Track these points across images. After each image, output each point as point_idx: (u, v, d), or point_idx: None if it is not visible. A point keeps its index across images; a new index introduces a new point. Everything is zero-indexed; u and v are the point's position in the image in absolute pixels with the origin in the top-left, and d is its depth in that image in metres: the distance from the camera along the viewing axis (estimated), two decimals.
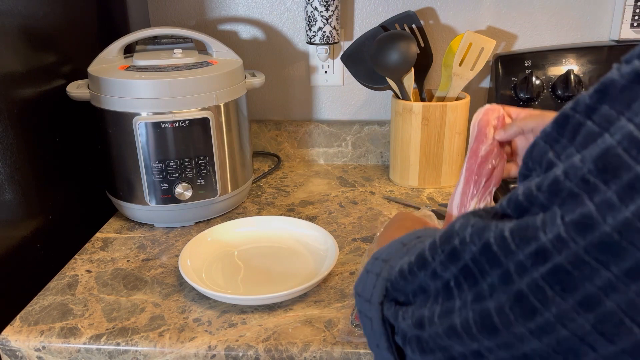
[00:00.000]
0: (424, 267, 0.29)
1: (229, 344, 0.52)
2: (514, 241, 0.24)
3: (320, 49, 0.94)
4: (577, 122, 0.24)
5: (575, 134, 0.24)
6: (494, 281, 0.25)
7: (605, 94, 0.23)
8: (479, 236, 0.26)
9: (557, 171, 0.24)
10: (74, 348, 0.53)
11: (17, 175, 0.62)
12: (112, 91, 0.69)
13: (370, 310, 0.35)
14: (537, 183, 0.25)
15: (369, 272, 0.37)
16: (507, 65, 0.90)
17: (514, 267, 0.24)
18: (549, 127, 0.26)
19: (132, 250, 0.70)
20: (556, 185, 0.23)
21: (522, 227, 0.24)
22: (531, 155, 0.27)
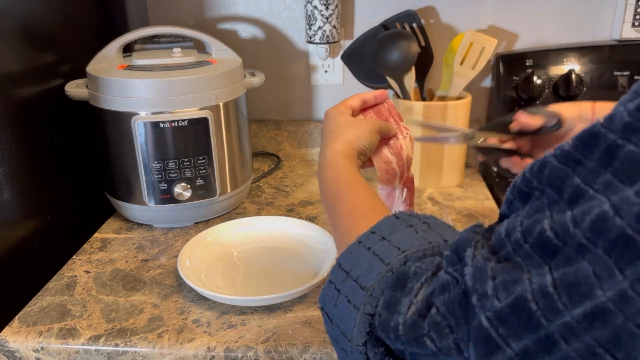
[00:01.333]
0: (441, 335, 0.24)
1: (228, 345, 0.52)
2: (561, 298, 0.20)
3: (321, 48, 0.93)
4: (613, 143, 0.21)
5: (610, 159, 0.21)
6: (529, 345, 0.21)
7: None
8: (507, 290, 0.21)
9: (604, 205, 0.20)
10: (72, 349, 0.53)
11: (15, 175, 0.62)
12: (110, 90, 0.69)
13: (351, 349, 0.30)
14: (573, 217, 0.21)
15: (341, 293, 0.31)
16: (508, 64, 0.90)
17: (560, 330, 0.20)
18: (569, 146, 0.23)
19: (130, 250, 0.70)
20: (602, 223, 0.20)
21: (570, 281, 0.20)
22: (538, 174, 0.24)
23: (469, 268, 0.24)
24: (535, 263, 0.22)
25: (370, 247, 0.32)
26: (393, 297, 0.28)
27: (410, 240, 0.32)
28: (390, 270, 0.30)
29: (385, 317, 0.28)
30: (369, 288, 0.30)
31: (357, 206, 0.41)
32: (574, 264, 0.20)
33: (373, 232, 0.33)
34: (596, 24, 0.93)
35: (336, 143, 0.49)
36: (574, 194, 0.22)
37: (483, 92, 0.98)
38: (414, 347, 0.26)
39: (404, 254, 0.30)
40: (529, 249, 0.22)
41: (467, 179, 0.92)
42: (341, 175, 0.45)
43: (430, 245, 0.31)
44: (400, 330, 0.26)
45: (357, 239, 0.33)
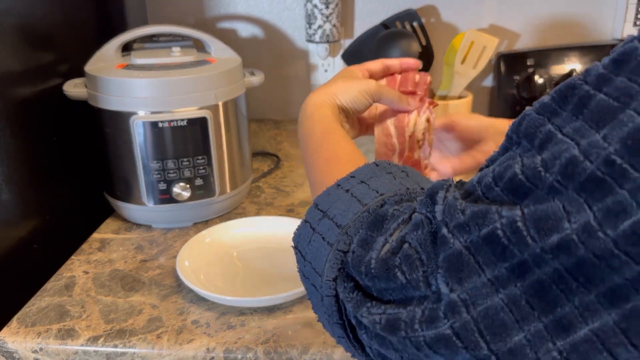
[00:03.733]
0: (411, 268, 0.25)
1: (227, 346, 0.51)
2: (530, 233, 0.21)
3: (321, 47, 0.93)
4: (586, 93, 0.22)
5: (582, 107, 0.22)
6: (503, 273, 0.22)
7: (624, 63, 0.21)
8: (478, 224, 0.23)
9: (573, 150, 0.21)
10: (71, 350, 0.52)
11: (14, 175, 0.62)
12: (109, 90, 0.69)
13: (320, 284, 0.30)
14: (543, 161, 0.22)
15: (315, 230, 0.32)
16: (509, 64, 0.89)
17: (532, 259, 0.21)
18: (547, 98, 0.24)
19: (129, 251, 0.70)
20: (573, 167, 0.20)
21: (539, 216, 0.21)
22: (517, 127, 0.24)
23: (439, 206, 0.25)
24: (504, 202, 0.23)
25: (348, 189, 0.32)
26: (369, 236, 0.28)
27: (388, 185, 0.32)
28: (367, 211, 0.30)
29: (359, 254, 0.28)
30: (345, 227, 0.30)
31: (333, 155, 0.40)
32: (544, 203, 0.21)
33: (352, 177, 0.33)
34: (597, 23, 0.92)
35: (319, 92, 0.47)
36: (544, 139, 0.22)
37: (484, 91, 0.98)
38: (383, 282, 0.26)
39: (382, 197, 0.31)
40: (499, 191, 0.23)
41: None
42: (317, 124, 0.44)
43: (407, 191, 0.32)
44: (372, 264, 0.27)
45: (336, 182, 0.33)
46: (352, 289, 0.28)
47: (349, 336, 0.30)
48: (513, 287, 0.22)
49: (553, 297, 0.21)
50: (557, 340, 0.21)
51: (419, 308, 0.24)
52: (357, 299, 0.28)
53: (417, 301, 0.25)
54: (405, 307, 0.25)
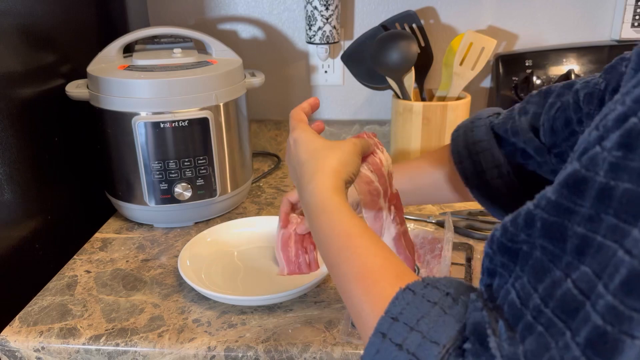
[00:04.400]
0: None
1: (228, 344, 0.52)
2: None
3: (320, 48, 0.94)
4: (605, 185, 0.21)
5: (607, 200, 0.21)
6: None
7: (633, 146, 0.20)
8: None
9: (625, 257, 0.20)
10: (73, 349, 0.53)
11: (16, 175, 0.62)
12: (111, 91, 0.69)
13: None
14: (595, 273, 0.21)
15: None
16: (507, 64, 0.90)
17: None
18: (553, 195, 0.23)
19: (131, 250, 0.70)
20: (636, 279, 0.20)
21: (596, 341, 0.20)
22: (527, 227, 0.23)
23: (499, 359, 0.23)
24: (558, 331, 0.21)
25: (400, 344, 0.27)
26: None
27: (443, 326, 0.27)
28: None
29: None
30: None
31: (365, 267, 0.34)
32: (588, 322, 0.20)
33: (394, 319, 0.28)
34: (596, 24, 0.93)
35: (321, 175, 0.40)
36: (581, 245, 0.21)
37: (482, 92, 0.98)
38: None
39: (445, 349, 0.26)
40: (550, 313, 0.22)
41: None
42: (337, 224, 0.37)
43: (463, 330, 0.28)
44: None
45: (378, 329, 0.29)
46: None
47: None
48: None
49: None
50: None
51: None
52: None
53: None
54: None
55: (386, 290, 0.30)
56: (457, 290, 0.30)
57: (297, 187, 0.45)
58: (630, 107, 0.21)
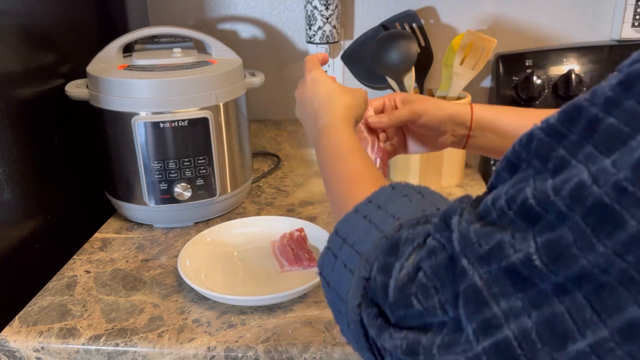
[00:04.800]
0: (427, 296, 0.26)
1: (228, 344, 0.52)
2: (547, 267, 0.21)
3: (321, 48, 0.94)
4: (594, 116, 0.22)
5: (592, 131, 0.22)
6: (517, 305, 0.22)
7: (632, 87, 0.21)
8: (496, 257, 0.23)
9: (582, 175, 0.21)
10: (72, 349, 0.53)
11: (15, 175, 0.62)
12: (111, 91, 0.69)
13: (345, 310, 0.31)
14: (553, 185, 0.22)
15: (338, 259, 0.33)
16: (508, 64, 0.90)
17: (552, 289, 0.21)
18: (553, 118, 0.24)
19: (131, 250, 0.70)
20: (580, 191, 0.20)
21: (554, 251, 0.21)
22: (526, 146, 0.24)
23: (456, 234, 0.25)
24: (518, 228, 0.23)
25: (366, 215, 0.33)
26: (387, 262, 0.29)
27: (404, 208, 0.33)
28: (385, 237, 0.31)
29: (380, 281, 0.29)
30: (364, 253, 0.31)
31: (355, 174, 0.41)
32: (555, 231, 0.21)
33: (370, 201, 0.34)
34: (596, 24, 0.93)
35: (336, 108, 0.48)
36: (558, 165, 0.22)
37: (483, 92, 0.98)
38: (402, 309, 0.27)
39: (399, 222, 0.31)
40: (513, 215, 0.23)
41: (467, 179, 0.92)
42: (342, 142, 0.45)
43: (423, 214, 0.32)
44: (390, 292, 0.28)
45: (354, 207, 0.34)
46: (375, 315, 0.29)
47: (376, 359, 0.30)
48: (525, 318, 0.22)
49: (565, 331, 0.21)
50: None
51: (438, 334, 0.25)
52: (379, 324, 0.28)
53: (436, 327, 0.26)
54: (426, 333, 0.26)
55: (368, 191, 0.35)
56: (430, 192, 0.35)
57: (309, 117, 0.51)
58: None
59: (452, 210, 0.27)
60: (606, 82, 0.22)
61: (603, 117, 0.21)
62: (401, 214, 0.32)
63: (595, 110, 0.22)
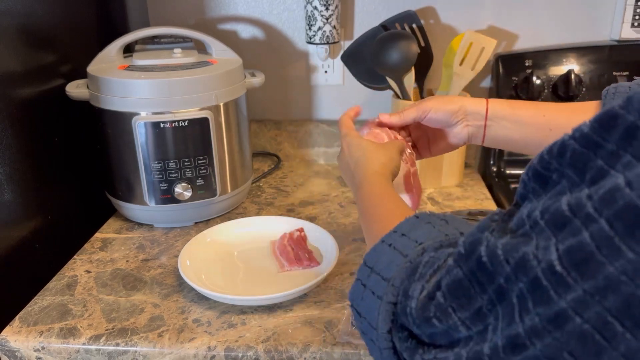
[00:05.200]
0: (446, 315, 0.26)
1: (228, 344, 0.52)
2: (570, 275, 0.21)
3: (320, 48, 0.94)
4: (632, 124, 0.21)
5: (630, 139, 0.21)
6: (537, 323, 0.22)
7: None
8: (521, 270, 0.22)
9: (617, 180, 0.20)
10: (73, 348, 0.53)
11: (16, 175, 0.62)
12: (111, 91, 0.69)
13: (377, 338, 0.32)
14: (589, 192, 0.21)
15: (365, 286, 0.34)
16: (507, 64, 0.90)
17: (572, 304, 0.21)
18: (586, 127, 0.23)
19: (131, 250, 0.70)
20: (612, 194, 0.20)
21: (574, 252, 0.21)
22: (558, 156, 0.24)
23: (484, 252, 0.25)
24: (544, 237, 0.23)
25: (391, 243, 0.34)
26: (409, 285, 0.30)
27: (427, 234, 0.34)
28: (409, 261, 0.32)
29: (404, 304, 0.30)
30: (390, 279, 0.32)
31: (389, 214, 0.43)
32: (577, 236, 0.21)
33: (394, 231, 0.35)
34: (595, 24, 0.93)
35: (372, 164, 0.51)
36: (596, 176, 0.22)
37: (482, 92, 0.98)
38: (427, 328, 0.28)
39: (422, 246, 0.32)
40: (544, 224, 0.23)
41: (467, 179, 0.92)
42: (376, 189, 0.47)
43: (446, 238, 0.33)
44: (413, 313, 0.28)
45: (381, 239, 0.35)
46: (406, 338, 0.29)
47: None
48: (549, 338, 0.21)
49: (596, 347, 0.20)
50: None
51: (464, 349, 0.26)
52: (411, 347, 0.29)
53: (463, 342, 0.26)
54: (453, 350, 0.26)
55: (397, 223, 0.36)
56: (454, 218, 0.36)
57: (350, 181, 0.53)
58: None
59: (477, 241, 0.26)
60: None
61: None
62: (424, 239, 0.33)
63: (631, 119, 0.21)
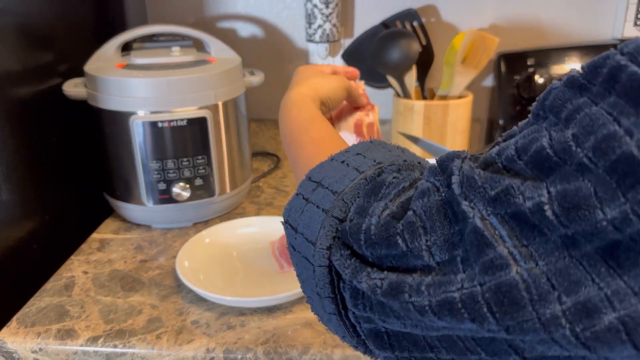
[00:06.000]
0: (414, 235, 0.24)
1: (227, 346, 0.51)
2: (559, 218, 0.19)
3: (321, 47, 0.93)
4: (617, 64, 0.20)
5: (614, 80, 0.20)
6: (524, 251, 0.20)
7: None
8: (502, 203, 0.21)
9: (612, 126, 0.19)
10: (71, 350, 0.52)
11: (13, 175, 0.62)
12: (109, 90, 0.69)
13: (313, 254, 0.29)
14: (575, 135, 0.20)
15: (308, 201, 0.30)
16: (510, 63, 0.89)
17: (561, 240, 0.20)
18: (576, 72, 0.22)
19: (129, 251, 0.70)
20: (609, 142, 0.18)
21: (569, 201, 0.19)
22: (543, 103, 0.23)
23: (456, 177, 0.23)
24: (528, 177, 0.21)
25: (344, 160, 0.31)
26: (367, 203, 0.27)
27: (385, 156, 0.31)
28: (365, 178, 0.29)
29: (357, 221, 0.27)
30: (341, 193, 0.29)
31: (321, 137, 0.40)
32: (572, 181, 0.20)
33: (347, 151, 0.32)
34: (598, 23, 0.92)
35: (301, 86, 0.49)
36: (571, 111, 0.21)
37: (484, 91, 0.97)
38: (384, 248, 0.25)
39: (380, 165, 0.30)
40: (523, 165, 0.22)
41: None
42: (303, 113, 0.44)
43: (405, 162, 0.30)
44: (372, 230, 0.26)
45: (330, 157, 0.32)
46: (348, 256, 0.27)
47: (340, 312, 0.29)
48: (533, 264, 0.20)
49: (578, 279, 0.19)
50: (576, 325, 0.19)
51: (427, 276, 0.23)
52: (355, 265, 0.26)
53: (420, 271, 0.24)
54: (411, 274, 0.24)
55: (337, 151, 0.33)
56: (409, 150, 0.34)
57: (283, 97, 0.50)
58: None
59: (453, 156, 0.25)
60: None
61: (625, 65, 0.19)
62: (382, 159, 0.30)
63: (619, 58, 0.20)
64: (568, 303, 0.19)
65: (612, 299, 0.18)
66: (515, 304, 0.20)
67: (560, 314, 0.19)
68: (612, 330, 0.18)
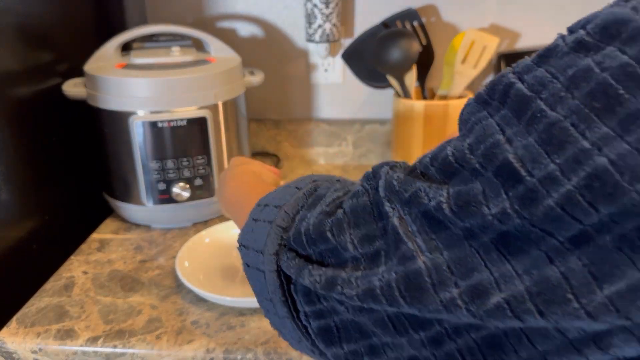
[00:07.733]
0: (340, 230, 0.27)
1: (227, 346, 0.51)
2: (455, 214, 0.23)
3: (320, 46, 0.93)
4: (509, 82, 0.23)
5: (506, 95, 0.23)
6: (430, 243, 0.24)
7: (547, 57, 0.22)
8: (414, 203, 0.24)
9: (498, 136, 0.22)
10: (70, 350, 0.52)
11: (12, 175, 0.62)
12: (108, 90, 0.69)
13: (262, 262, 0.32)
14: (470, 144, 0.23)
15: (257, 220, 0.34)
16: (510, 63, 0.89)
17: (462, 233, 0.23)
18: (482, 89, 0.25)
19: (129, 251, 0.70)
20: (493, 149, 0.22)
21: (462, 200, 0.22)
22: (461, 115, 0.26)
23: (382, 181, 0.27)
24: (436, 180, 0.25)
25: (287, 185, 0.35)
26: (306, 213, 0.31)
27: (322, 177, 0.36)
28: (304, 193, 0.33)
29: (297, 226, 0.30)
30: (283, 206, 0.33)
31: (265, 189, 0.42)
32: (467, 184, 0.23)
33: (288, 184, 0.36)
34: None
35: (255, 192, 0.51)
36: (473, 123, 0.24)
37: None
38: (320, 243, 0.29)
39: (315, 182, 0.34)
40: (434, 171, 0.25)
41: None
42: (244, 185, 0.47)
43: (339, 183, 0.34)
44: (310, 229, 0.29)
45: (276, 189, 0.36)
46: (293, 258, 0.30)
47: (292, 315, 0.31)
48: (438, 254, 0.23)
49: (473, 265, 0.22)
50: (470, 305, 0.22)
51: (356, 270, 0.26)
52: (298, 264, 0.29)
53: (352, 265, 0.27)
54: (344, 269, 0.27)
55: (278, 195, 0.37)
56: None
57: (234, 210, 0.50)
58: None
59: (381, 165, 0.29)
60: (530, 57, 0.24)
61: (514, 82, 0.23)
62: (319, 180, 0.35)
63: (511, 76, 0.23)
64: (463, 286, 0.22)
65: (499, 281, 0.21)
66: (420, 289, 0.23)
67: (457, 295, 0.22)
68: (499, 308, 0.21)
